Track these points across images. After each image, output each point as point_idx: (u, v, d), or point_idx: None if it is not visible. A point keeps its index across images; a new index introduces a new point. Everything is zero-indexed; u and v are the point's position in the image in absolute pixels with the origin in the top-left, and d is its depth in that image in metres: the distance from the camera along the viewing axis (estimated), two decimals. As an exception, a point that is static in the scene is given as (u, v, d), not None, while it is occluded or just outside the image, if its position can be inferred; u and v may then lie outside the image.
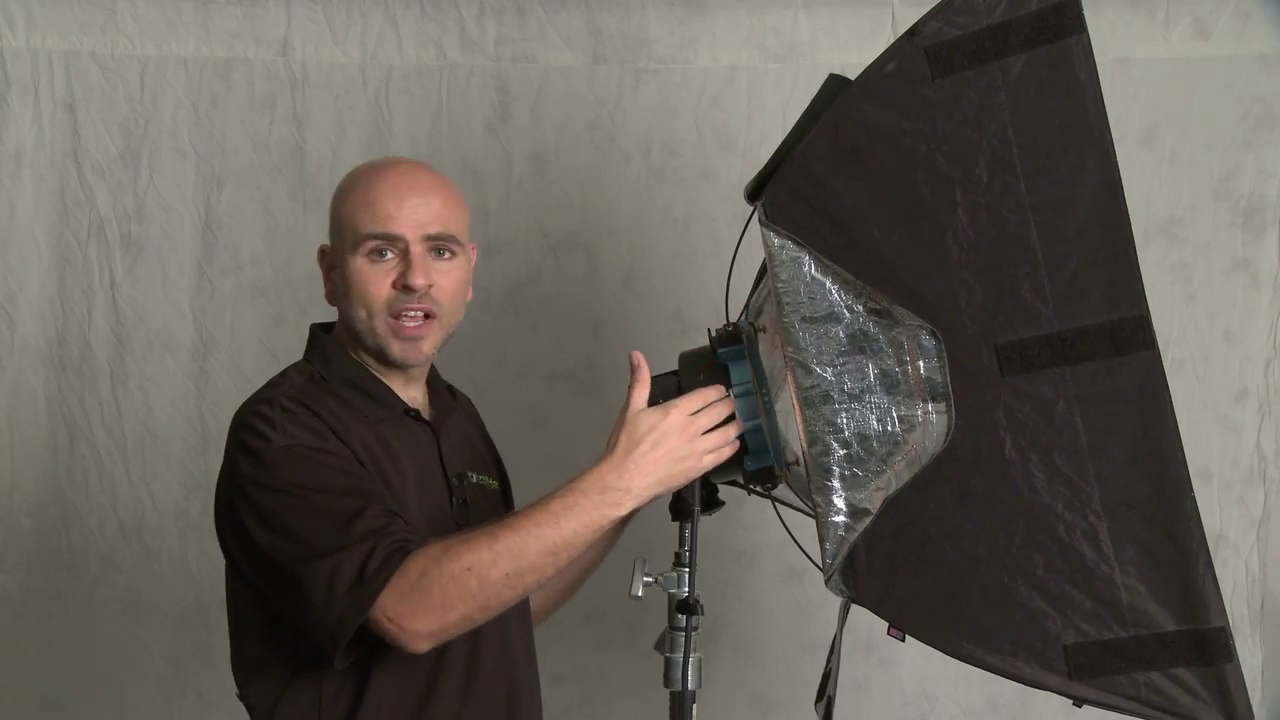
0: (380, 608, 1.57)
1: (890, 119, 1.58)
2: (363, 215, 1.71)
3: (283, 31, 2.72)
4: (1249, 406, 2.68)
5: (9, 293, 2.71)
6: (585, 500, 1.61)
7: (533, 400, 2.74)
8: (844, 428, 1.61)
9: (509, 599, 1.61)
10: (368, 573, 1.57)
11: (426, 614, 1.57)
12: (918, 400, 1.61)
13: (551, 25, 2.72)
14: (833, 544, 1.63)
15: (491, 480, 1.92)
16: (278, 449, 1.64)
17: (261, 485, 1.64)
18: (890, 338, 1.61)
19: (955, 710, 2.75)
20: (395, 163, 1.81)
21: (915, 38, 1.57)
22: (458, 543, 1.59)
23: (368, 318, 1.73)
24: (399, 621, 1.57)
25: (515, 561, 1.58)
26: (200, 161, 2.73)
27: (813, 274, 1.61)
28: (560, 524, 1.60)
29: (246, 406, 1.71)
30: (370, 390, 1.76)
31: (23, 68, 2.68)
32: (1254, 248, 2.67)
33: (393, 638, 1.59)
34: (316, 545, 1.59)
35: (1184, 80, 2.63)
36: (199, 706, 2.77)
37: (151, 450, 2.75)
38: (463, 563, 1.57)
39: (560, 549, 1.60)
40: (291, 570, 1.61)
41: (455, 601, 1.57)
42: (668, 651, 1.71)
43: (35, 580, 2.75)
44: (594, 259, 2.77)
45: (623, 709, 2.70)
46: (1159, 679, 1.58)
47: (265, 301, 2.75)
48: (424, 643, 1.59)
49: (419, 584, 1.57)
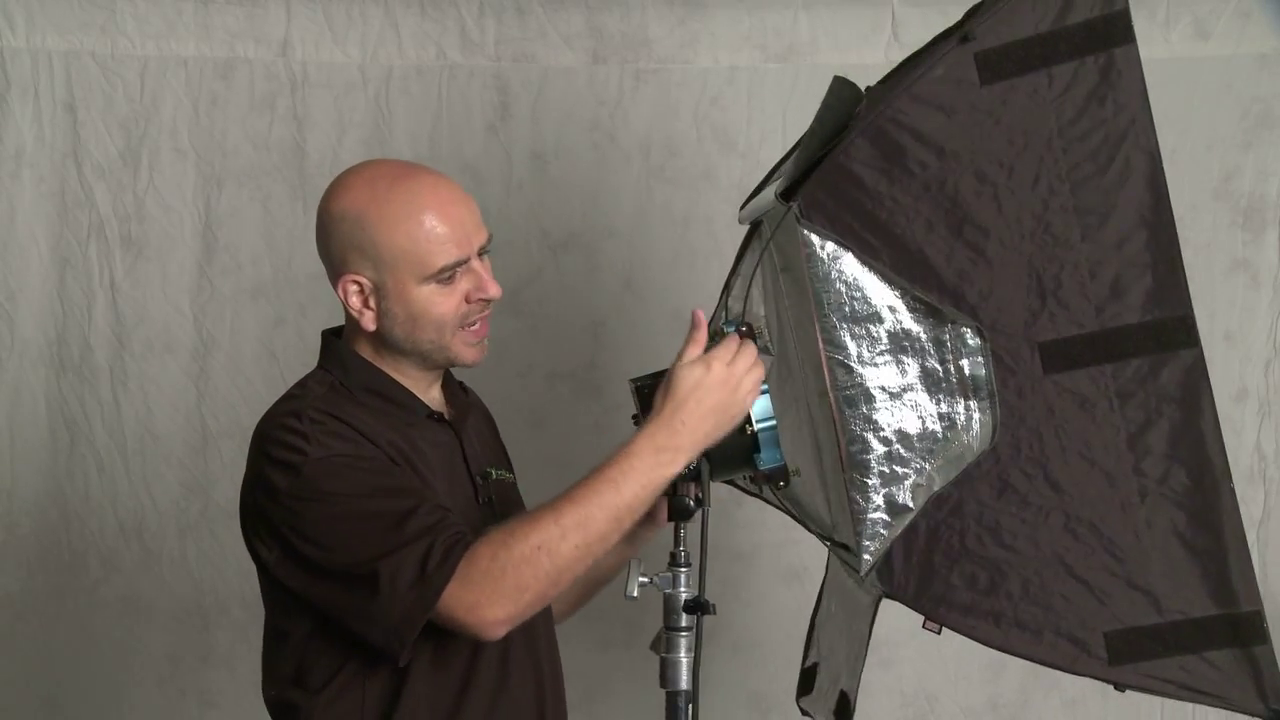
0: (452, 600, 1.57)
1: (937, 123, 1.61)
2: (428, 247, 1.68)
3: (283, 31, 2.72)
4: (1249, 406, 2.68)
5: (9, 293, 2.71)
6: (640, 463, 1.62)
7: (533, 400, 2.74)
8: (884, 426, 1.65)
9: (580, 571, 1.62)
10: (429, 568, 1.57)
11: (501, 599, 1.57)
12: (959, 398, 1.65)
13: (551, 25, 2.72)
14: (871, 540, 1.66)
15: (509, 474, 1.93)
16: (315, 461, 1.63)
17: (304, 499, 1.63)
18: (933, 336, 1.65)
19: (955, 710, 2.75)
20: (418, 176, 1.74)
21: (966, 44, 1.60)
22: (522, 524, 1.60)
23: (438, 337, 1.73)
24: (475, 611, 1.57)
25: (583, 532, 1.59)
26: (200, 161, 2.73)
27: (854, 274, 1.64)
28: (620, 489, 1.61)
29: (271, 420, 1.69)
30: (393, 395, 1.76)
31: (23, 68, 2.68)
32: (1254, 248, 2.67)
33: (470, 628, 1.59)
34: (373, 549, 1.59)
35: (1184, 80, 2.63)
36: (199, 706, 2.77)
37: (151, 450, 2.75)
38: (531, 542, 1.58)
39: (624, 513, 1.62)
40: (350, 575, 1.60)
41: (530, 581, 1.58)
42: (664, 652, 1.70)
43: (35, 580, 2.75)
44: (594, 259, 2.77)
45: (623, 709, 2.70)
46: (1195, 662, 1.63)
47: (265, 301, 2.75)
48: (501, 628, 1.59)
49: (490, 570, 1.57)
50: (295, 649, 1.71)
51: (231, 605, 2.75)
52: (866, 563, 1.66)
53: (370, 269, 1.71)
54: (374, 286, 1.71)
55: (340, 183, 1.75)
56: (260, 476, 1.67)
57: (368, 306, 1.73)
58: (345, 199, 1.73)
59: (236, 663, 2.75)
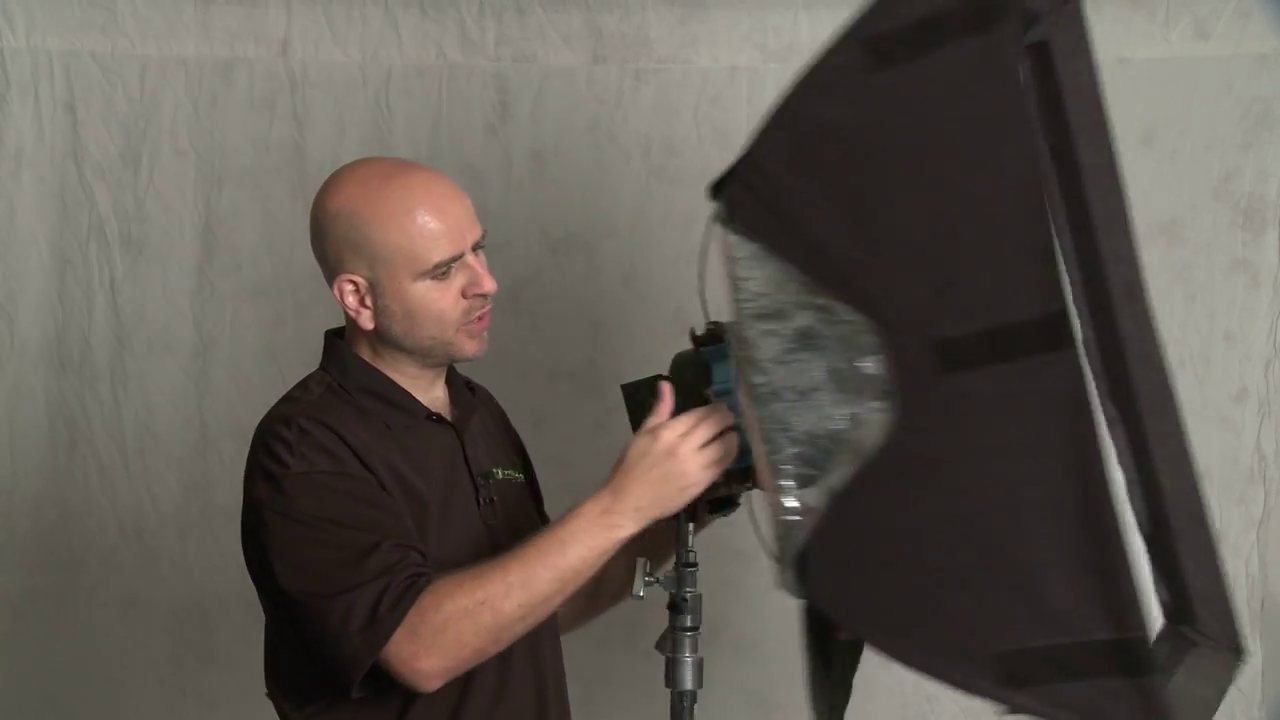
0: (394, 648, 1.58)
1: (837, 113, 1.53)
2: (422, 243, 1.69)
3: (283, 31, 2.72)
4: (1249, 406, 2.68)
5: (9, 293, 2.71)
6: (588, 525, 1.63)
7: (533, 400, 2.74)
8: (793, 426, 1.57)
9: (520, 631, 1.63)
10: (380, 612, 1.58)
11: (439, 652, 1.59)
12: (863, 397, 1.55)
13: (551, 25, 2.72)
14: (785, 543, 1.59)
15: (517, 473, 1.92)
16: (295, 475, 1.64)
17: (278, 513, 1.65)
18: (837, 335, 1.55)
19: (955, 710, 2.75)
20: (410, 173, 1.75)
21: (856, 30, 1.52)
22: (469, 578, 1.61)
23: (439, 333, 1.74)
24: (410, 663, 1.59)
25: (527, 592, 1.60)
26: (200, 161, 2.73)
27: (766, 272, 1.57)
28: (566, 551, 1.62)
29: (266, 424, 1.71)
30: (390, 397, 1.76)
31: (23, 68, 2.68)
32: (1254, 248, 2.67)
33: (405, 679, 1.61)
34: (332, 582, 1.61)
35: (1184, 80, 2.63)
36: (199, 706, 2.77)
37: (151, 450, 2.75)
38: (476, 597, 1.59)
39: (569, 576, 1.63)
40: (307, 605, 1.63)
41: (470, 637, 1.59)
42: (669, 652, 1.71)
43: (35, 580, 2.75)
44: (594, 259, 2.77)
45: (623, 709, 2.70)
46: (1088, 688, 1.47)
47: (265, 301, 2.75)
48: (435, 681, 1.61)
49: (434, 622, 1.59)
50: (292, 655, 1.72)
51: (231, 605, 2.75)
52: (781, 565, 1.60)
53: (365, 267, 1.71)
54: (369, 285, 1.72)
55: (333, 182, 1.76)
56: (250, 481, 1.69)
57: (364, 305, 1.73)
58: (338, 198, 1.73)
59: (236, 663, 2.75)
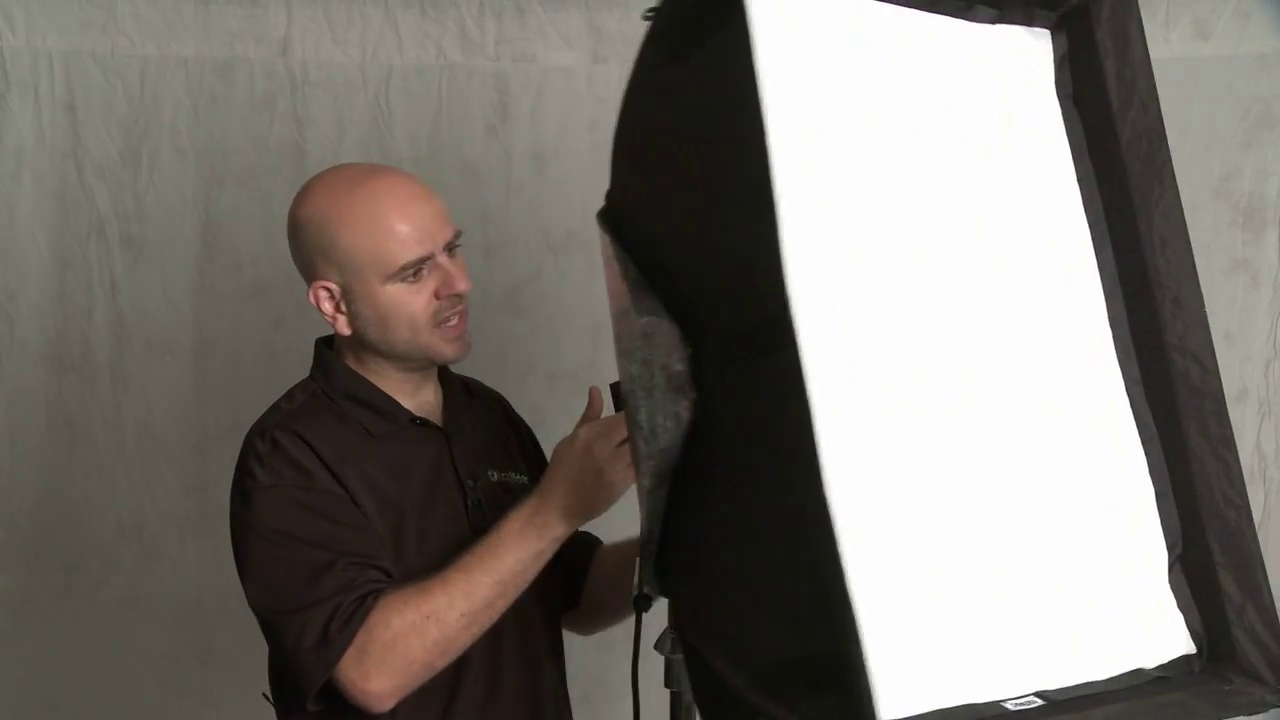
0: (345, 668, 1.60)
1: (648, 108, 1.52)
2: (388, 246, 1.69)
3: (283, 31, 2.72)
4: (1249, 406, 2.68)
5: (9, 293, 2.71)
6: (519, 529, 1.65)
7: (533, 400, 2.73)
8: (643, 424, 1.56)
9: (466, 640, 1.65)
10: (330, 631, 1.60)
11: (388, 671, 1.61)
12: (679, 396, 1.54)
13: (551, 25, 2.72)
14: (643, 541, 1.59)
15: (518, 474, 1.91)
16: (263, 489, 1.67)
17: (247, 526, 1.68)
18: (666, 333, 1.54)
19: (955, 710, 2.75)
20: (377, 178, 1.74)
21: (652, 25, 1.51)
22: (415, 592, 1.63)
23: (413, 335, 1.74)
24: (361, 685, 1.61)
25: (469, 601, 1.62)
26: (200, 161, 2.72)
27: (619, 270, 1.58)
28: (502, 557, 1.64)
29: (248, 435, 1.73)
30: (373, 402, 1.77)
31: (23, 68, 2.68)
32: (1254, 248, 2.67)
33: (357, 699, 1.62)
34: (288, 599, 1.64)
35: (1184, 80, 2.63)
36: (199, 706, 2.77)
37: (151, 450, 2.75)
38: (421, 611, 1.61)
39: (508, 580, 1.65)
40: (269, 621, 1.67)
41: (418, 652, 1.61)
42: (668, 652, 1.70)
43: (35, 580, 2.75)
44: (594, 259, 2.74)
45: (623, 709, 2.69)
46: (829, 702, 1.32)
47: (265, 301, 2.75)
48: (387, 701, 1.63)
49: (380, 639, 1.60)
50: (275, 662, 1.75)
51: (231, 605, 2.72)
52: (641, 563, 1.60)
53: (336, 273, 1.73)
54: (342, 290, 1.73)
55: (303, 190, 1.77)
56: (232, 491, 1.72)
57: (339, 311, 1.75)
58: (308, 206, 1.74)
59: (236, 663, 2.75)
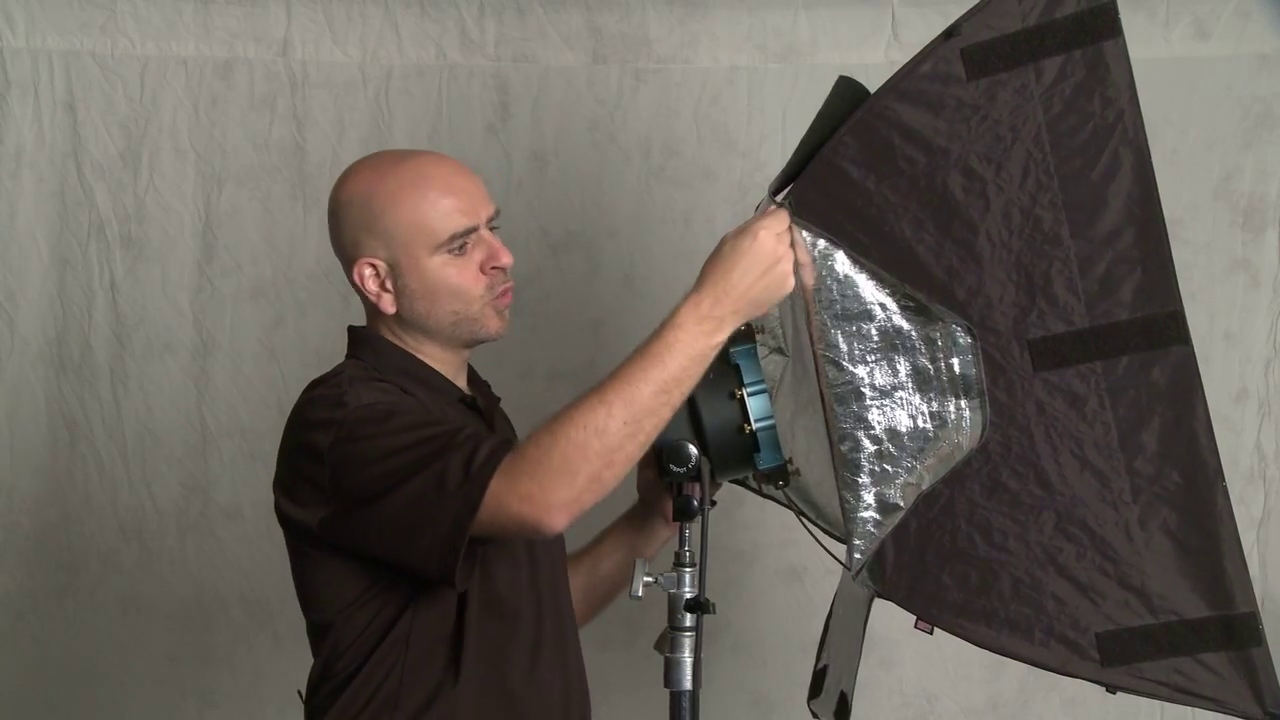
0: (502, 494, 1.53)
1: (924, 119, 1.61)
2: (435, 216, 1.70)
3: (283, 31, 2.72)
4: (1249, 406, 2.68)
5: (9, 293, 2.71)
6: (684, 334, 1.61)
7: (533, 400, 2.73)
8: (875, 424, 1.65)
9: (632, 450, 1.58)
10: (474, 467, 1.54)
11: (554, 482, 1.53)
12: (949, 396, 1.65)
13: (551, 25, 2.72)
14: (862, 539, 1.66)
15: None
16: (355, 409, 1.62)
17: (349, 441, 1.61)
18: (924, 334, 1.64)
19: (955, 710, 2.75)
20: (419, 155, 1.78)
21: (951, 39, 1.60)
22: (567, 409, 1.58)
23: (465, 308, 1.74)
24: (530, 501, 1.53)
25: (630, 409, 1.57)
26: (200, 161, 2.72)
27: (845, 271, 1.64)
28: (666, 362, 1.59)
29: (306, 397, 1.69)
30: (428, 379, 1.76)
31: (23, 68, 2.68)
32: (1254, 248, 2.67)
33: (527, 519, 1.54)
34: (420, 462, 1.57)
35: (1184, 80, 2.63)
36: (199, 706, 2.77)
37: (151, 450, 2.74)
38: (577, 423, 1.55)
39: (671, 386, 1.59)
40: (396, 493, 1.57)
41: (579, 463, 1.54)
42: (668, 651, 1.71)
43: (35, 580, 2.75)
44: (594, 259, 2.77)
45: (623, 709, 2.70)
46: (1189, 664, 1.62)
47: (265, 301, 2.75)
48: (560, 514, 1.54)
49: (537, 458, 1.54)
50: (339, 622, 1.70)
51: (231, 605, 2.75)
52: (857, 561, 1.67)
53: (382, 248, 1.72)
54: (389, 267, 1.72)
55: (346, 172, 1.78)
56: (300, 444, 1.66)
57: (385, 289, 1.74)
58: (351, 184, 1.75)
59: (236, 663, 2.75)
